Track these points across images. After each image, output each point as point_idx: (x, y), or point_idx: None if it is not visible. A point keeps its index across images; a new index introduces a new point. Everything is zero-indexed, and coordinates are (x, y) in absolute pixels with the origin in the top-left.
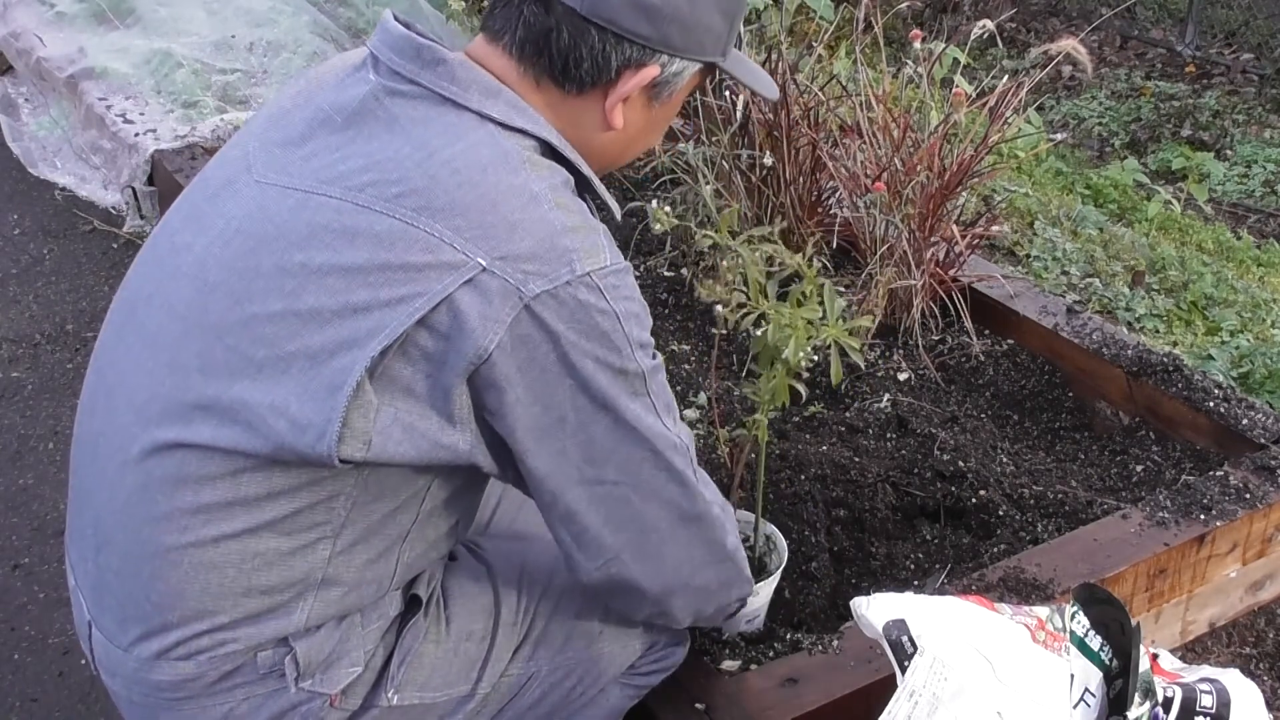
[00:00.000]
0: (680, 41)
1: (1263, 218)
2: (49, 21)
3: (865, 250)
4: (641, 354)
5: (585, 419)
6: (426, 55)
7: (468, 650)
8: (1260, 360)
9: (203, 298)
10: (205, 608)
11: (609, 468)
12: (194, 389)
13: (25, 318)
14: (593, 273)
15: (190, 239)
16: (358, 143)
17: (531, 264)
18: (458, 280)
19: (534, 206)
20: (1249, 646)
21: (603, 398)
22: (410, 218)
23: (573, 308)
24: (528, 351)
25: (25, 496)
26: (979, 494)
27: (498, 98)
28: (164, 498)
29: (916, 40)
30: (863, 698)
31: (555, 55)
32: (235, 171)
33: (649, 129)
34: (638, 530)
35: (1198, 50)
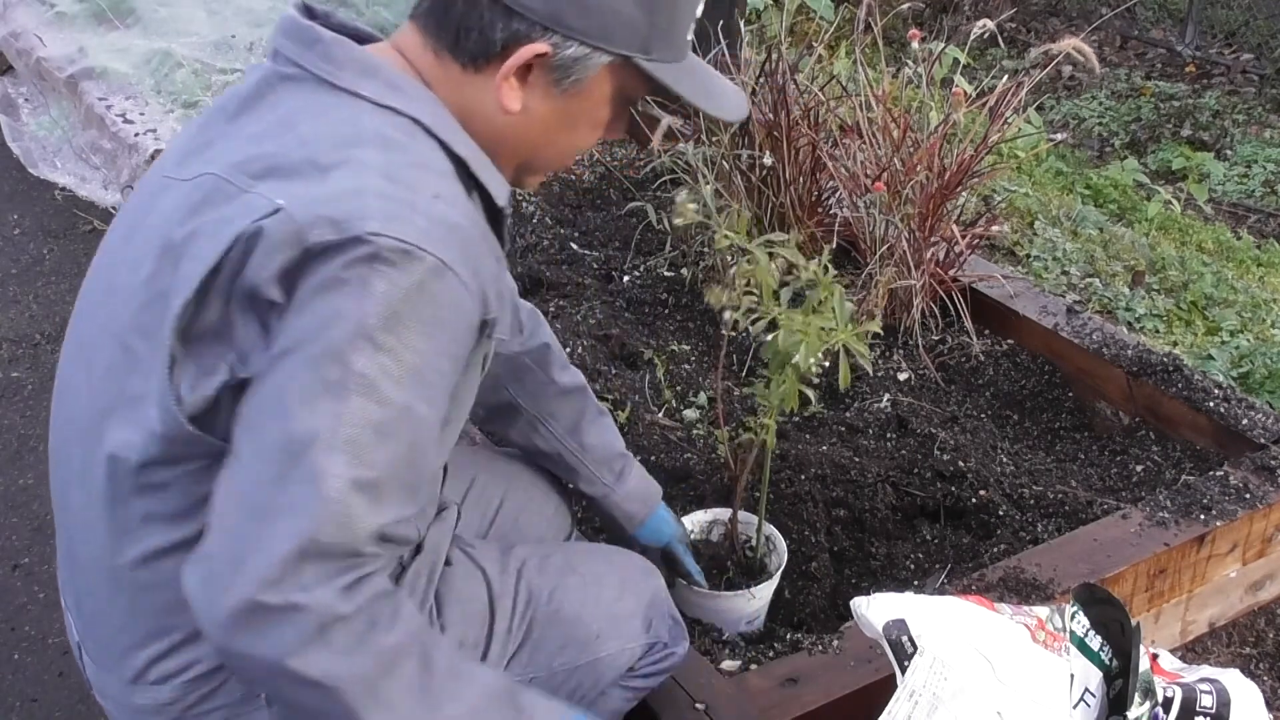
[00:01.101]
0: (576, 22)
1: (1263, 218)
2: (49, 21)
3: (865, 250)
4: (365, 349)
5: (264, 369)
6: (306, 36)
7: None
8: (1260, 360)
9: (110, 301)
10: (159, 626)
11: (247, 438)
12: (104, 395)
13: (25, 318)
14: (383, 236)
15: (109, 244)
16: (243, 126)
17: (326, 207)
18: (250, 219)
19: (358, 172)
20: (1249, 646)
21: (290, 355)
22: (246, 184)
23: (338, 259)
24: (284, 292)
25: (25, 496)
26: (979, 494)
27: (374, 76)
28: (104, 514)
29: (916, 40)
30: (863, 698)
31: (448, 27)
32: (150, 174)
33: (564, 123)
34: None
35: (1198, 50)
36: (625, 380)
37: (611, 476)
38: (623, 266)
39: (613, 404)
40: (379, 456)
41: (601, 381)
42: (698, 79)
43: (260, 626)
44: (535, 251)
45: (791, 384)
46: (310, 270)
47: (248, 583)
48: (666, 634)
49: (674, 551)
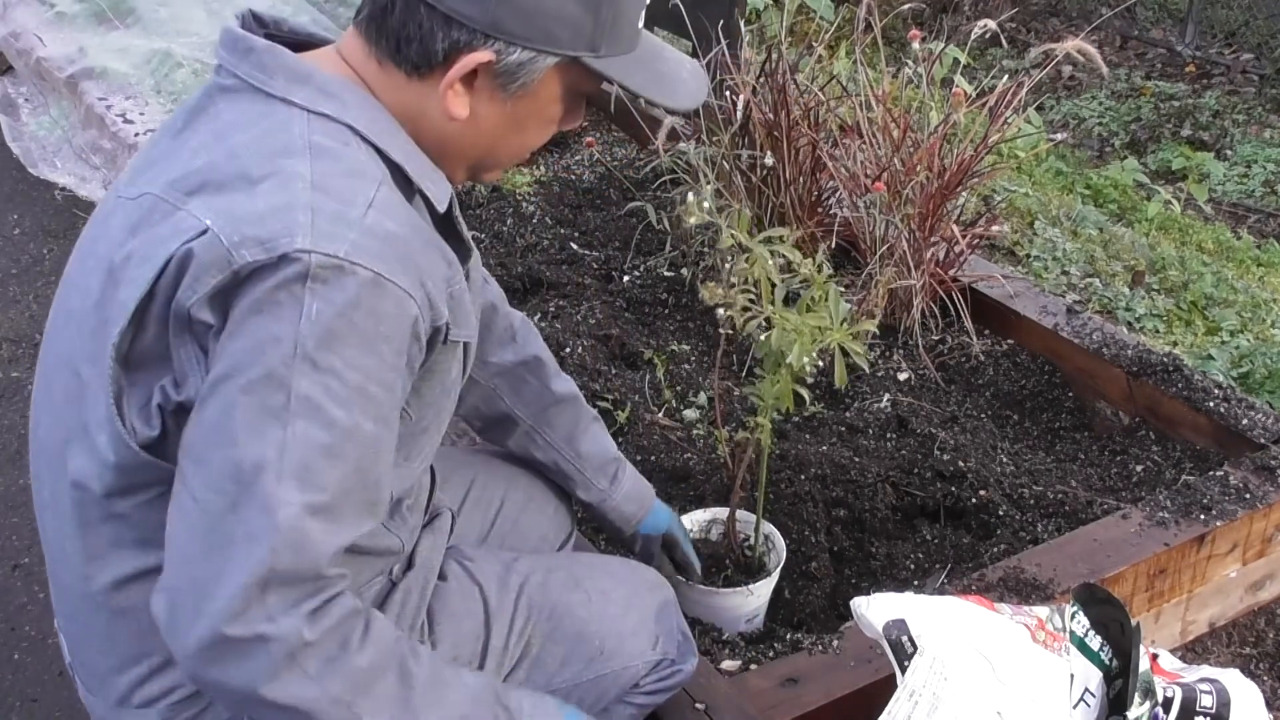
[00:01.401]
0: (517, 28)
1: (1263, 218)
2: (49, 21)
3: (865, 250)
4: (306, 371)
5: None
6: (241, 45)
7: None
8: (1260, 360)
9: (66, 327)
10: (136, 651)
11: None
12: (62, 424)
13: (25, 318)
14: (313, 253)
15: (70, 270)
16: (185, 141)
17: (253, 227)
18: (180, 241)
19: (288, 184)
20: (1249, 646)
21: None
22: (180, 200)
23: (269, 281)
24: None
25: (25, 496)
26: (979, 494)
27: (306, 83)
28: (72, 541)
29: (916, 40)
30: (863, 698)
31: (389, 34)
32: (107, 195)
33: (513, 126)
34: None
35: (1198, 50)
36: (625, 380)
37: (606, 481)
38: (623, 266)
39: (613, 404)
40: (330, 479)
41: (601, 381)
42: (650, 68)
43: (229, 658)
44: (535, 251)
45: (786, 383)
46: (242, 292)
47: (211, 616)
48: (675, 650)
49: (674, 535)
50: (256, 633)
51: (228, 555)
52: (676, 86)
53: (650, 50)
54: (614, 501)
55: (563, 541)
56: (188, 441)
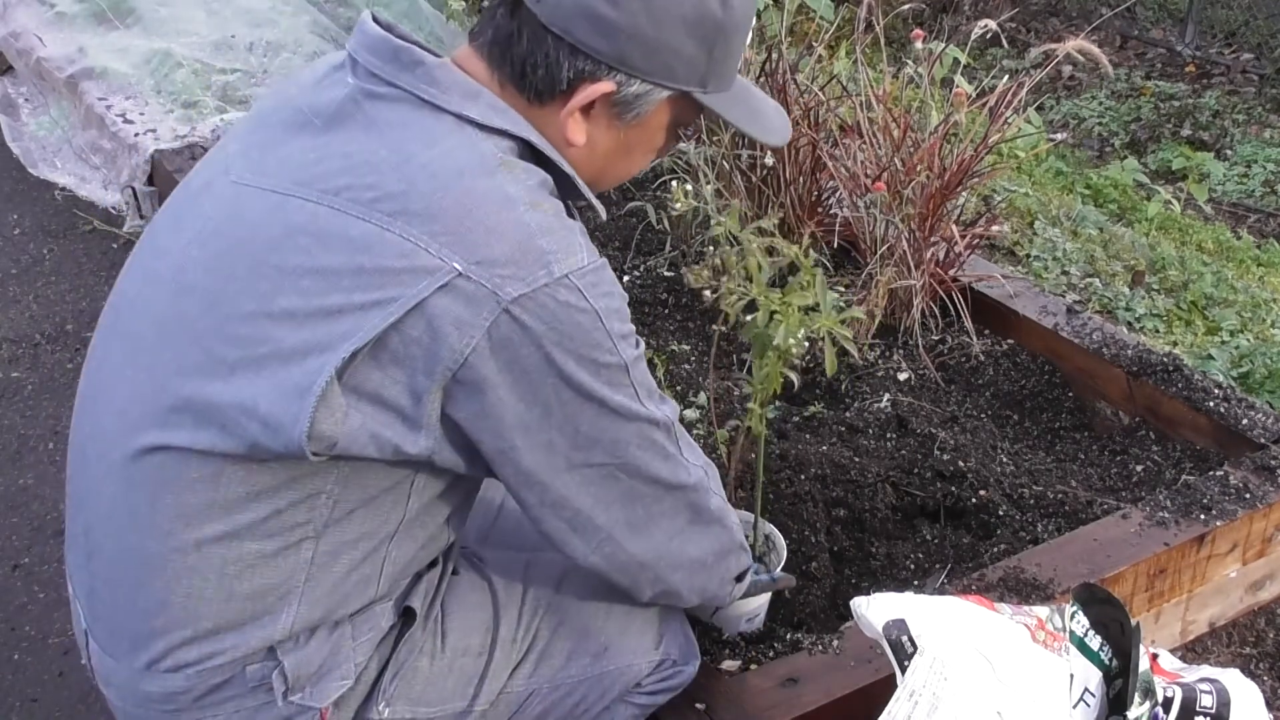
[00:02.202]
0: (641, 62)
1: (1263, 218)
2: (49, 21)
3: (865, 250)
4: (624, 345)
5: (571, 410)
6: (404, 57)
7: (464, 665)
8: (1260, 360)
9: (179, 301)
10: (189, 614)
11: (596, 451)
12: (171, 392)
13: (25, 318)
14: (570, 274)
15: (169, 242)
16: (334, 145)
17: (507, 268)
18: (433, 285)
19: (509, 209)
20: (1249, 646)
21: (587, 391)
22: (385, 222)
23: (553, 309)
24: (509, 353)
25: (25, 496)
26: (979, 494)
27: (477, 100)
28: (145, 503)
29: (918, 40)
30: (863, 698)
31: (515, 61)
32: (214, 174)
33: (623, 152)
34: (626, 506)
35: (1198, 50)
36: None
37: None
38: (623, 266)
39: None
40: (650, 379)
41: None
42: (746, 104)
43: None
44: None
45: (774, 366)
46: (526, 326)
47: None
48: (677, 651)
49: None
50: (698, 480)
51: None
52: (769, 122)
53: (743, 87)
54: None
55: None
56: (571, 441)
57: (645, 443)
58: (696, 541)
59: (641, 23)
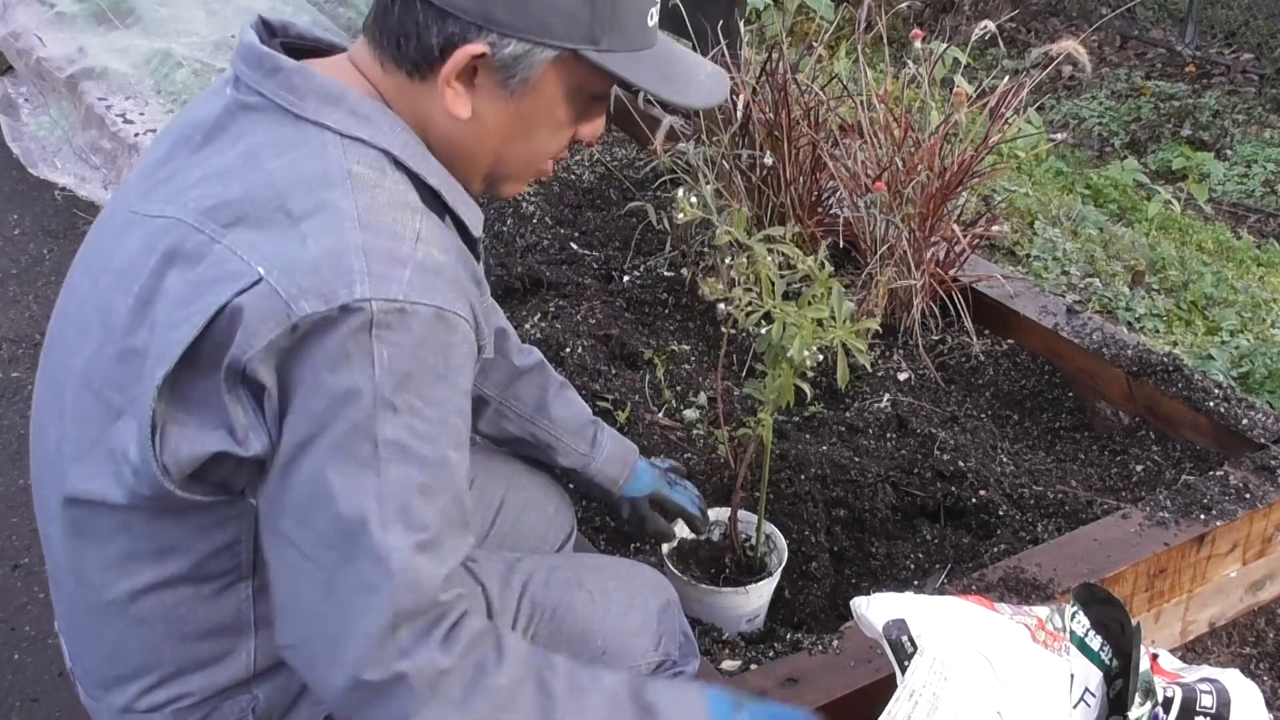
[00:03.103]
0: (510, 18)
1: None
2: (49, 21)
3: (865, 250)
4: (387, 417)
5: (293, 458)
6: (266, 64)
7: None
8: (1260, 360)
9: (80, 343)
10: (149, 659)
11: (300, 530)
12: (70, 439)
13: (25, 318)
14: (373, 300)
15: (76, 280)
16: (203, 159)
17: (309, 278)
18: (233, 290)
19: (336, 223)
20: (1249, 646)
21: (316, 441)
22: (218, 233)
23: (336, 335)
24: (282, 371)
25: (25, 496)
26: (979, 494)
27: (337, 105)
28: (76, 554)
29: (918, 40)
30: (863, 698)
31: (389, 34)
32: (115, 203)
33: (520, 128)
34: (311, 633)
35: (1198, 50)
36: (625, 380)
37: (586, 445)
38: (623, 266)
39: (613, 404)
40: (430, 514)
41: (601, 381)
42: (662, 68)
43: (375, 700)
44: (535, 251)
45: (787, 378)
46: (306, 348)
47: (348, 665)
48: (676, 651)
49: (661, 493)
50: (394, 672)
51: (349, 606)
52: (690, 86)
53: (666, 52)
54: (597, 465)
55: (563, 541)
56: (282, 503)
57: (352, 569)
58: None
59: None
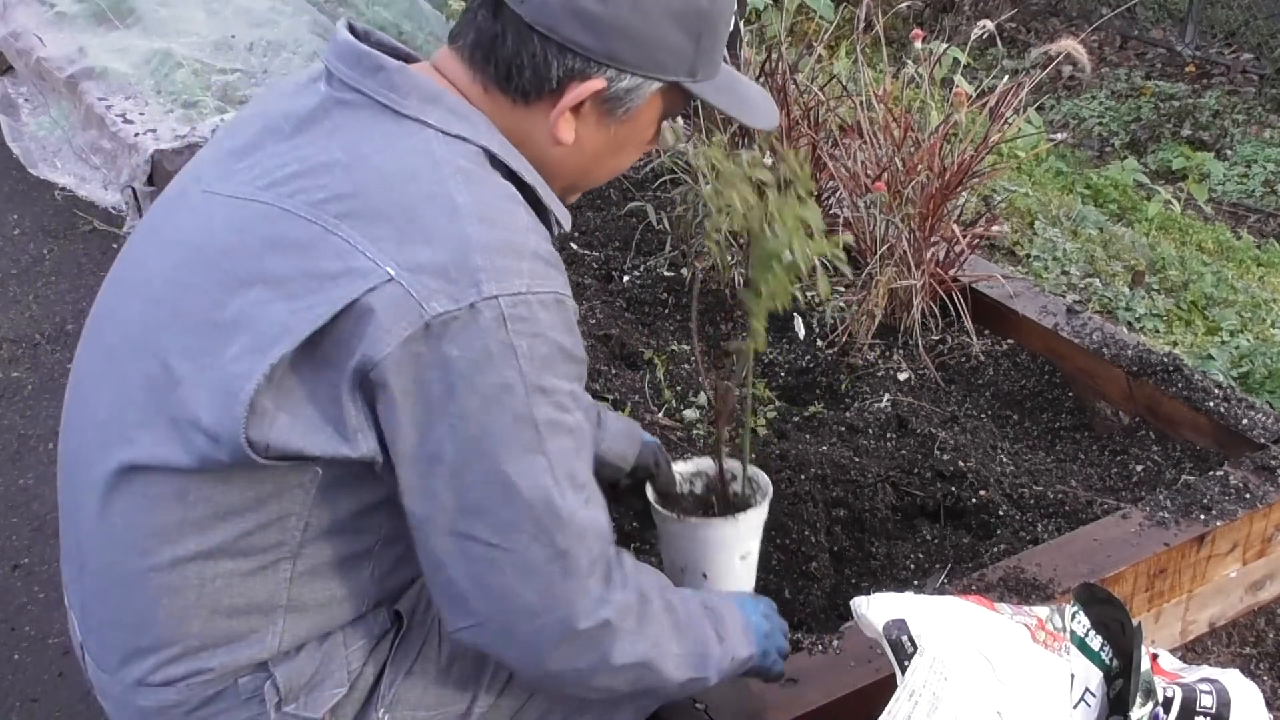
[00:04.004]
0: (630, 56)
1: (1263, 218)
2: (49, 21)
3: (865, 250)
4: (540, 399)
5: (462, 461)
6: (366, 62)
7: (462, 668)
8: (1260, 360)
9: (148, 314)
10: (175, 632)
11: (481, 525)
12: (137, 406)
13: (25, 318)
14: (501, 297)
15: (143, 253)
16: (298, 150)
17: (438, 280)
18: (363, 287)
19: (453, 218)
20: (1249, 646)
21: (482, 438)
22: (331, 224)
23: (471, 333)
24: (416, 372)
25: (25, 496)
26: (979, 494)
27: (437, 103)
28: (122, 520)
29: (918, 40)
30: (863, 698)
31: (500, 62)
32: (187, 182)
33: (613, 148)
34: (507, 607)
35: (1198, 50)
36: (625, 380)
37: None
38: (623, 266)
39: (613, 404)
40: (584, 471)
41: (601, 381)
42: (734, 91)
43: (582, 649)
44: None
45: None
46: (442, 349)
47: (558, 626)
48: None
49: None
50: (600, 619)
51: (548, 575)
52: (757, 108)
53: (729, 75)
54: (606, 444)
55: None
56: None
57: (543, 538)
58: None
59: (629, 17)
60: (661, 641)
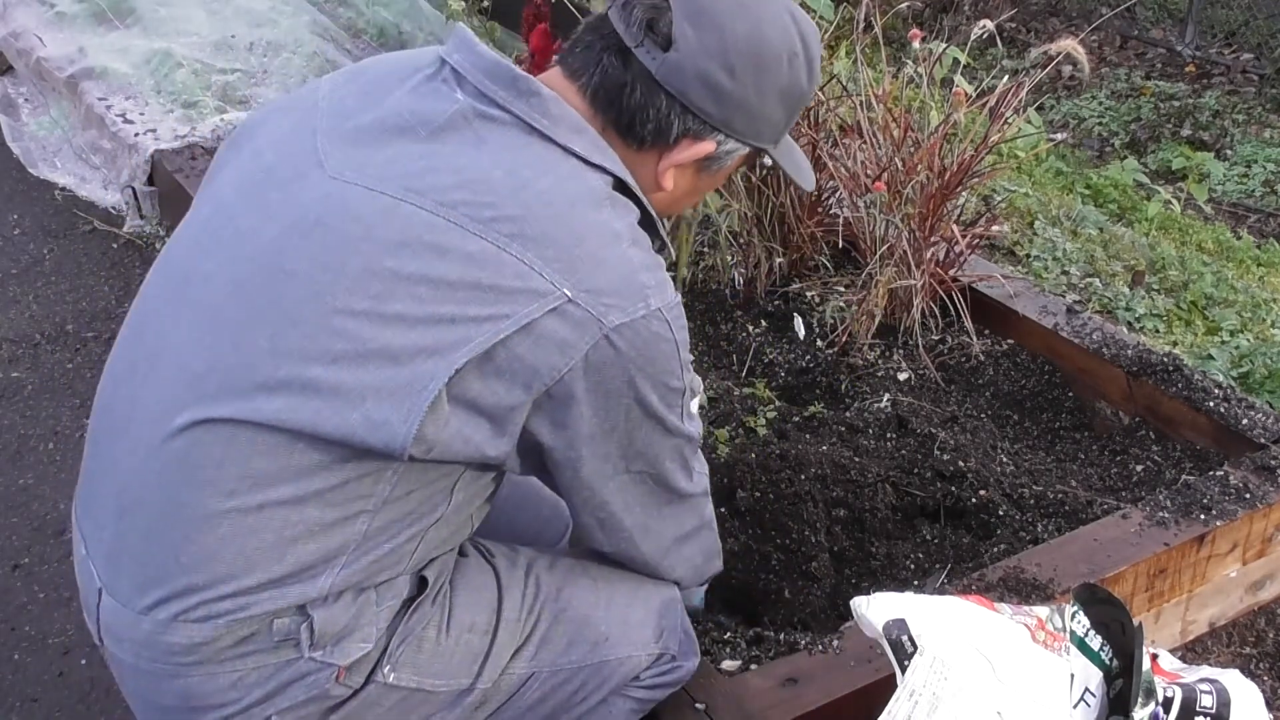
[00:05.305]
0: (742, 126)
1: (1263, 218)
2: (49, 21)
3: (865, 250)
4: (688, 373)
5: (633, 427)
6: (522, 85)
7: (469, 642)
8: (1260, 360)
9: (278, 284)
10: (236, 570)
11: (639, 460)
12: (262, 370)
13: (25, 318)
14: (663, 307)
15: (257, 224)
16: (444, 157)
17: (612, 298)
18: (544, 307)
19: (615, 244)
20: (1249, 646)
21: (653, 411)
22: (503, 243)
23: (646, 338)
24: (599, 375)
25: (25, 496)
26: (979, 494)
27: (583, 135)
28: (211, 464)
29: (916, 40)
30: (863, 698)
31: (624, 110)
32: (305, 164)
33: (693, 193)
34: (647, 510)
35: (1198, 50)
36: None
37: None
38: None
39: None
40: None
41: None
42: (792, 155)
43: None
44: None
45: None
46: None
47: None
48: (676, 646)
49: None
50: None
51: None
52: (805, 171)
53: (787, 139)
54: None
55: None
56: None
57: (676, 456)
58: (693, 543)
59: (750, 94)
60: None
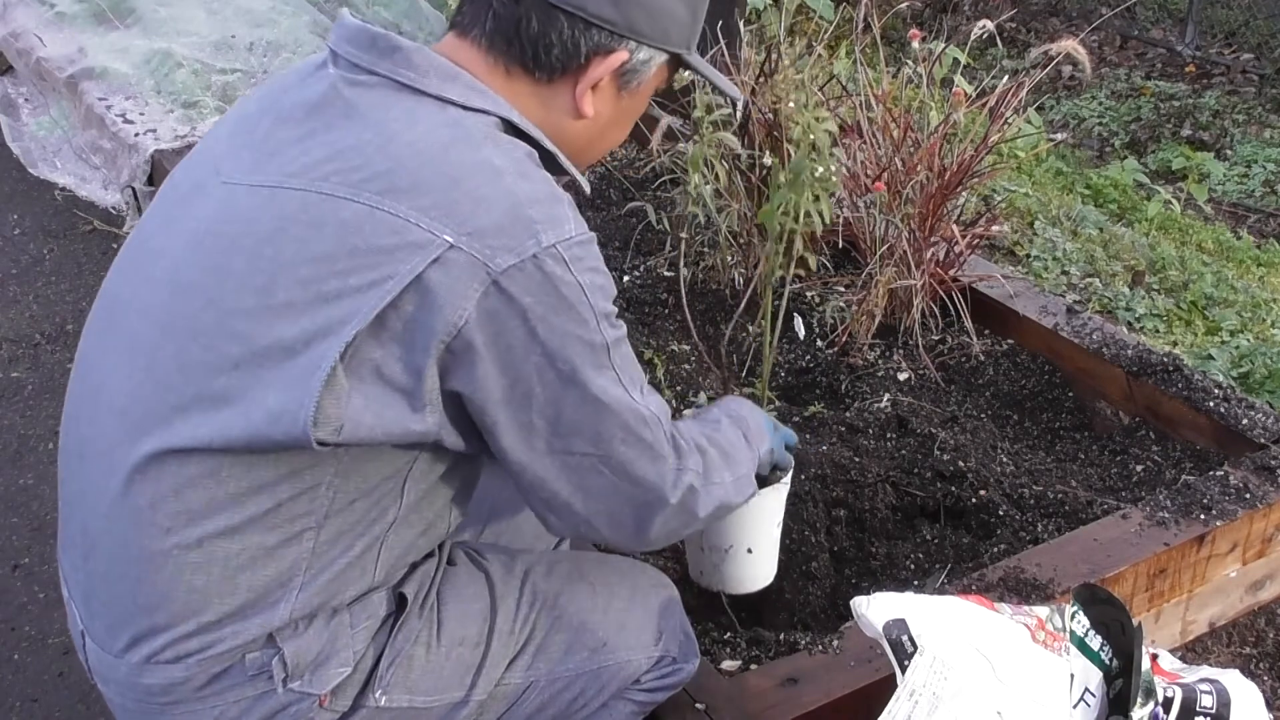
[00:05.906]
0: (646, 27)
1: (1263, 218)
2: (49, 21)
3: (865, 250)
4: (606, 325)
5: (553, 393)
6: (382, 44)
7: (461, 655)
8: (1260, 360)
9: (177, 301)
10: (192, 607)
11: (578, 440)
12: (173, 390)
13: (25, 318)
14: (558, 244)
15: (163, 244)
16: (318, 134)
17: (497, 238)
18: (426, 258)
19: (497, 180)
20: (1249, 646)
21: (570, 370)
22: (375, 201)
23: (539, 280)
24: (496, 326)
25: (25, 496)
26: (979, 494)
27: (455, 81)
28: (147, 502)
29: (916, 40)
30: (863, 698)
31: (525, 43)
32: (204, 175)
33: (618, 120)
34: (608, 501)
35: (1198, 50)
36: None
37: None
38: (623, 266)
39: None
40: (638, 367)
41: None
42: (709, 66)
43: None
44: None
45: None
46: (516, 300)
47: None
48: (676, 648)
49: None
50: (686, 486)
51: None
52: (727, 81)
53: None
54: None
55: (558, 543)
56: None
57: (630, 438)
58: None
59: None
60: (724, 479)
